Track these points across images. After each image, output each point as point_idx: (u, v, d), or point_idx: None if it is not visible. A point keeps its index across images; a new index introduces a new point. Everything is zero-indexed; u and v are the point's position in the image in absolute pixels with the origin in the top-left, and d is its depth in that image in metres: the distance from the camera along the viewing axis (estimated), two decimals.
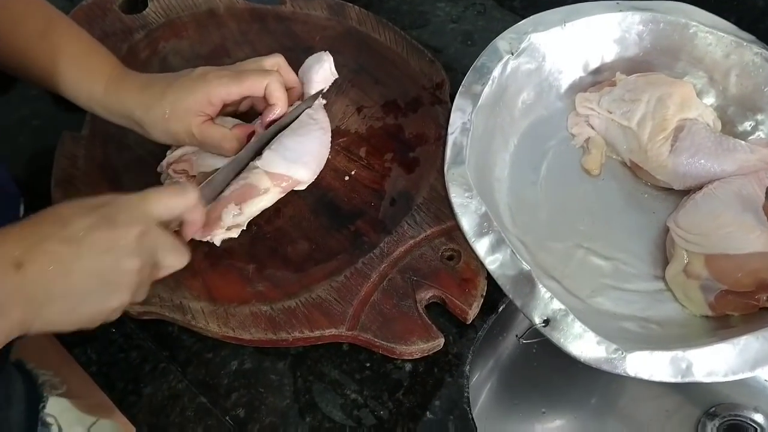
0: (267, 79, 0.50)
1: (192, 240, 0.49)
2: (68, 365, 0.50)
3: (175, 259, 0.41)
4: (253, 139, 0.50)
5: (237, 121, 0.53)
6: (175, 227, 0.43)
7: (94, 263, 0.36)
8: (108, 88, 0.49)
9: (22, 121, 0.60)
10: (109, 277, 0.37)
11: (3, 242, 0.34)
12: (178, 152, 0.51)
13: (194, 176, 0.50)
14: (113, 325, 0.47)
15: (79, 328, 0.37)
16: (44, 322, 0.35)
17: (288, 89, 0.53)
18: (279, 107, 0.51)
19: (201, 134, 0.49)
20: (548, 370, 0.59)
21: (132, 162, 0.55)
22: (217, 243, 0.49)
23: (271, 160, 0.49)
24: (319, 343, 0.47)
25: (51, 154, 0.54)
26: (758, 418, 0.57)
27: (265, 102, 0.51)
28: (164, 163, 0.51)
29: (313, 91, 0.56)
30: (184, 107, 0.48)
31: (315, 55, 0.58)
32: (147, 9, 0.64)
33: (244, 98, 0.52)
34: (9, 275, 0.33)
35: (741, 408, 0.57)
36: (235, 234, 0.49)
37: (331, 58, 0.57)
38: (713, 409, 0.58)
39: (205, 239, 0.48)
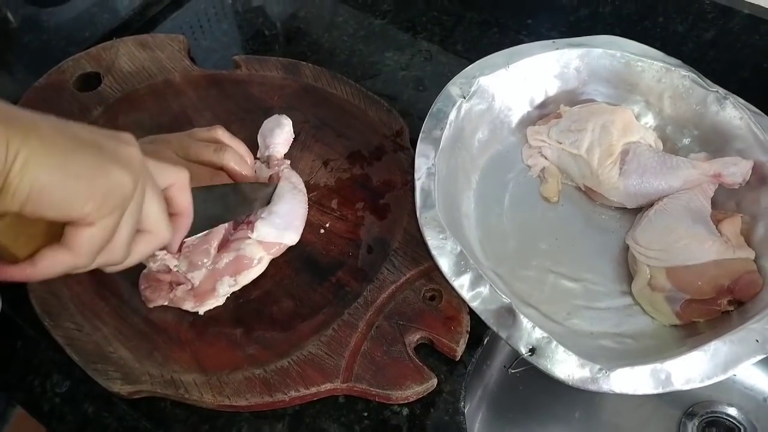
0: (223, 155, 0.49)
1: (177, 310, 0.49)
2: None
3: (158, 213, 0.37)
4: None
5: None
6: None
7: (85, 129, 0.33)
8: None
9: None
10: (106, 145, 0.33)
11: None
12: None
13: None
14: (105, 409, 0.47)
15: (77, 206, 0.31)
16: (27, 161, 0.28)
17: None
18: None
19: None
20: (534, 391, 0.61)
21: None
22: (201, 312, 0.50)
23: (264, 231, 0.50)
24: (316, 399, 0.48)
25: None
26: (732, 412, 0.60)
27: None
28: None
29: (276, 153, 0.57)
30: None
31: (272, 117, 0.60)
32: (102, 85, 0.65)
33: None
34: None
35: (717, 405, 0.60)
36: (221, 301, 0.50)
37: (290, 121, 0.59)
38: (691, 408, 0.61)
39: (194, 310, 0.48)
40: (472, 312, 0.48)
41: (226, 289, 0.49)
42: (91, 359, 0.47)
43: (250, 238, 0.50)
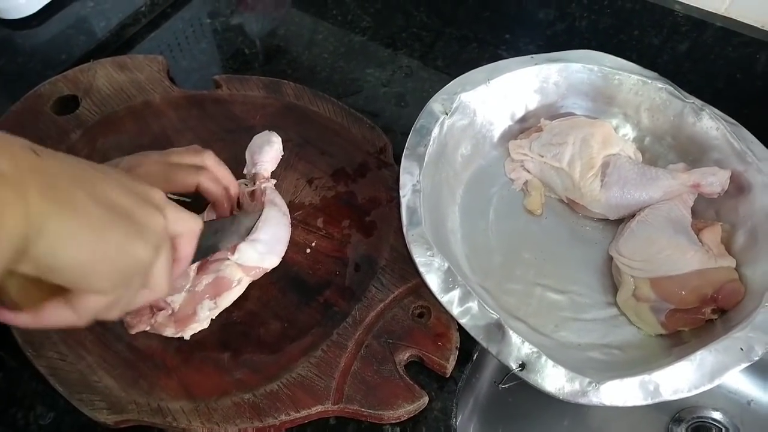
0: (198, 177, 0.48)
1: (162, 336, 0.49)
2: None
3: (165, 275, 0.37)
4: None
5: None
6: None
7: (119, 190, 0.33)
8: None
9: None
10: (136, 213, 0.33)
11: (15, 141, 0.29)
12: None
13: None
14: None
15: (95, 283, 0.31)
16: (56, 236, 0.28)
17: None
18: (218, 205, 0.51)
19: None
20: (524, 402, 0.62)
21: None
22: (187, 337, 0.49)
23: (246, 254, 0.50)
24: (306, 421, 0.47)
25: None
26: (718, 416, 0.61)
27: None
28: None
29: (263, 171, 0.57)
30: None
31: (262, 134, 0.59)
32: (80, 108, 0.64)
33: None
34: (27, 154, 0.29)
35: (703, 409, 0.61)
36: (205, 324, 0.49)
37: (279, 138, 0.58)
38: (678, 414, 0.61)
39: (177, 335, 0.48)
40: (461, 328, 0.48)
41: (206, 312, 0.48)
42: (75, 389, 0.46)
43: (229, 259, 0.49)
